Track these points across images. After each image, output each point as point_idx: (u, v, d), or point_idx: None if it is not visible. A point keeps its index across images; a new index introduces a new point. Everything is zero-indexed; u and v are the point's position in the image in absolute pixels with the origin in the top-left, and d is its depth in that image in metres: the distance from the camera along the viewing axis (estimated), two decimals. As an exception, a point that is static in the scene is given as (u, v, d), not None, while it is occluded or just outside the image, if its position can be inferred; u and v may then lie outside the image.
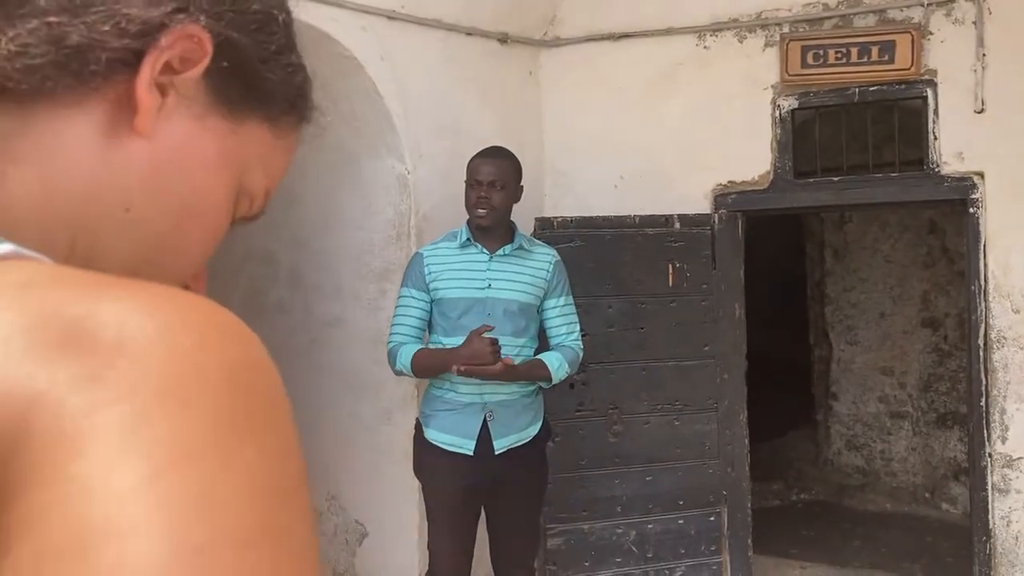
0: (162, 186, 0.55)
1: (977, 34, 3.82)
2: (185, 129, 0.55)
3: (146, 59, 0.52)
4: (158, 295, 0.43)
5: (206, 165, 0.57)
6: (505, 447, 3.05)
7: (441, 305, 3.08)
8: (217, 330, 0.43)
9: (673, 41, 4.27)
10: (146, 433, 0.38)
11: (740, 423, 4.15)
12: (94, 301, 0.42)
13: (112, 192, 0.53)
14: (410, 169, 3.80)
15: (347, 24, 3.58)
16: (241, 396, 0.41)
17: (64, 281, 0.43)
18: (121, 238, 0.54)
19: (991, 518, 3.87)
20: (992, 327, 3.85)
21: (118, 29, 0.51)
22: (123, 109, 0.52)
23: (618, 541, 3.96)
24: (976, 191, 3.88)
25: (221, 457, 0.39)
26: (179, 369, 0.40)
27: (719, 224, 4.15)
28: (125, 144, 0.53)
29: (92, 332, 0.40)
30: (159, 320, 0.41)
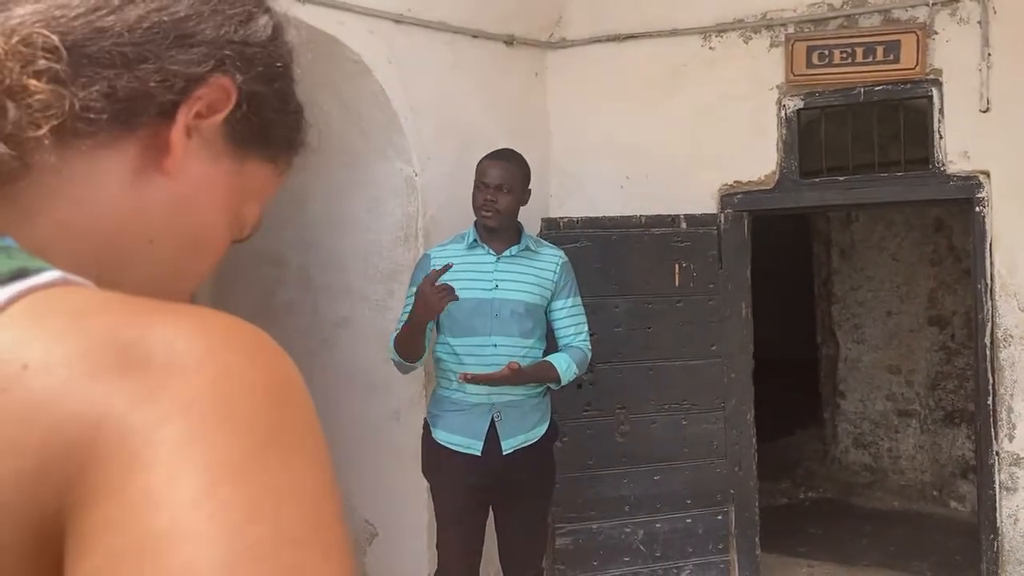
0: (181, 220, 0.60)
1: (982, 33, 3.83)
2: (203, 170, 0.60)
3: (182, 108, 0.57)
4: (203, 318, 0.47)
5: (217, 202, 0.62)
6: (513, 447, 3.07)
7: (449, 306, 3.09)
8: (258, 349, 0.47)
9: (678, 42, 4.29)
10: (202, 447, 0.42)
11: (747, 422, 4.16)
12: (145, 325, 0.46)
13: (138, 226, 0.58)
14: (418, 171, 3.82)
15: (354, 27, 3.60)
16: (284, 410, 0.46)
17: (115, 306, 0.47)
18: (142, 267, 0.59)
19: (999, 516, 3.88)
20: (999, 325, 3.86)
21: (166, 84, 0.56)
22: (152, 150, 0.57)
23: (626, 540, 3.98)
24: (982, 190, 3.88)
25: (270, 467, 0.43)
26: (227, 387, 0.44)
27: (725, 224, 4.17)
28: (152, 182, 0.58)
29: (146, 354, 0.44)
30: (206, 341, 0.46)
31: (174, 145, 0.57)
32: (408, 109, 3.79)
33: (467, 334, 3.06)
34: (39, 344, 0.44)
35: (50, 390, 0.43)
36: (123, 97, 0.54)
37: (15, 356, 0.44)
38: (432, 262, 3.11)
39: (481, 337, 3.06)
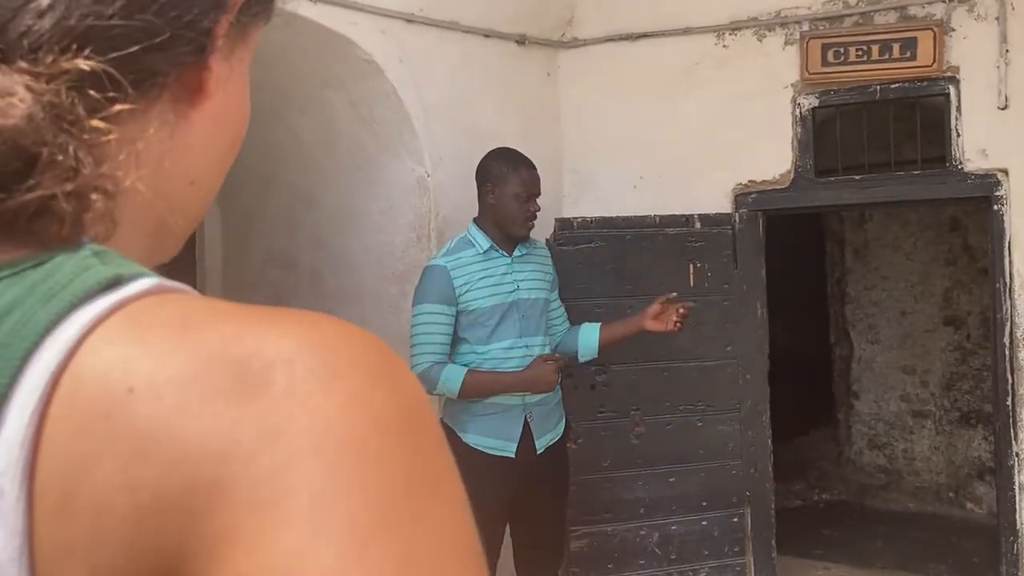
0: (216, 144, 0.56)
1: (1000, 30, 3.78)
2: (224, 76, 0.55)
3: (213, 55, 0.53)
4: (319, 329, 0.43)
5: (241, 96, 0.58)
6: (544, 446, 3.08)
7: (475, 315, 2.99)
8: (383, 366, 0.43)
9: (692, 40, 4.26)
10: (343, 504, 0.38)
11: (763, 423, 4.12)
12: (259, 338, 0.42)
13: (181, 174, 0.54)
14: (430, 172, 3.80)
15: (366, 27, 3.58)
16: (418, 441, 0.42)
17: (220, 316, 0.43)
18: (185, 210, 0.56)
19: (1018, 518, 3.83)
20: (1018, 325, 3.81)
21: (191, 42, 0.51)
22: (184, 92, 0.53)
23: (641, 543, 3.95)
24: (1000, 188, 3.84)
25: (418, 520, 0.40)
26: (360, 419, 0.40)
27: (740, 224, 4.13)
28: (187, 124, 0.53)
29: (265, 376, 0.40)
30: (328, 360, 0.42)
31: (209, 91, 0.53)
32: (420, 109, 3.77)
33: (498, 339, 3.00)
34: (144, 363, 0.40)
35: (162, 419, 0.39)
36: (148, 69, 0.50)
37: (118, 378, 0.40)
38: (452, 274, 2.99)
39: (512, 339, 3.02)
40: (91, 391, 0.40)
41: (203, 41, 0.52)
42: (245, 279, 4.54)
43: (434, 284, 3.00)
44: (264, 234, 4.44)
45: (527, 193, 3.04)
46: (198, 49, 0.52)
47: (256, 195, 4.45)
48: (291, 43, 3.58)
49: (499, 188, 3.06)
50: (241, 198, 4.56)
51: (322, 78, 3.76)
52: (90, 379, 0.40)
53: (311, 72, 3.75)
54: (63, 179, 0.45)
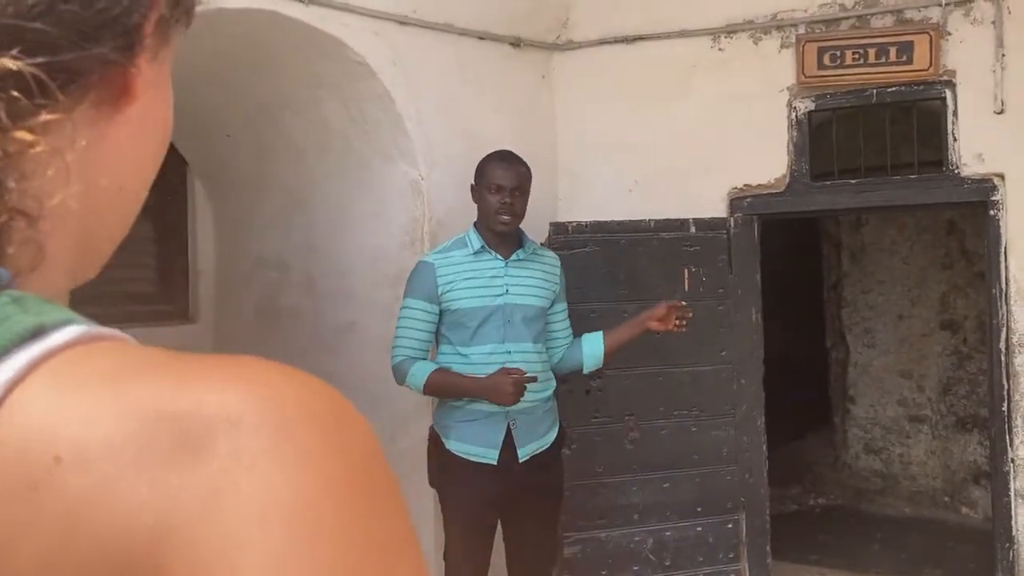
0: (144, 147, 0.53)
1: (996, 34, 3.76)
2: (151, 77, 0.51)
3: (140, 56, 0.49)
4: (264, 381, 0.40)
5: (166, 103, 0.54)
6: (528, 455, 3.03)
7: (458, 315, 3.01)
8: (335, 424, 0.40)
9: (687, 43, 4.23)
10: (293, 572, 0.35)
11: (758, 429, 4.10)
12: (198, 394, 0.38)
13: (109, 180, 0.50)
14: (423, 174, 3.77)
15: (359, 29, 3.56)
16: (374, 502, 0.39)
17: (155, 368, 0.39)
18: (115, 217, 0.52)
19: (1014, 525, 3.81)
20: (1014, 331, 3.79)
21: (119, 43, 0.48)
22: (109, 96, 0.49)
23: (635, 549, 3.92)
24: (996, 193, 3.82)
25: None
26: (309, 484, 0.37)
27: (735, 228, 4.11)
28: (113, 128, 0.49)
29: (204, 439, 0.37)
30: (274, 417, 0.38)
31: (136, 94, 0.49)
32: (413, 111, 3.74)
33: (480, 342, 3.00)
34: (72, 427, 0.37)
35: (91, 490, 0.36)
36: (75, 69, 0.46)
37: (44, 444, 0.36)
38: (436, 269, 3.03)
39: (494, 344, 3.01)
40: (14, 458, 0.37)
41: (131, 38, 0.48)
42: (237, 281, 4.51)
43: (418, 280, 3.06)
44: (256, 236, 4.41)
45: (497, 185, 3.03)
46: (126, 47, 0.48)
47: (249, 197, 4.43)
48: (283, 44, 3.56)
49: (479, 184, 3.10)
50: (234, 200, 4.53)
51: (315, 80, 3.74)
52: (13, 445, 0.37)
53: (304, 74, 3.72)
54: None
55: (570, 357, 3.27)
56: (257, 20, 3.35)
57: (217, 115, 4.13)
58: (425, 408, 3.67)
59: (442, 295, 3.01)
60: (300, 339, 4.18)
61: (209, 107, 4.15)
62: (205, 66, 3.82)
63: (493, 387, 2.87)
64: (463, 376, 2.97)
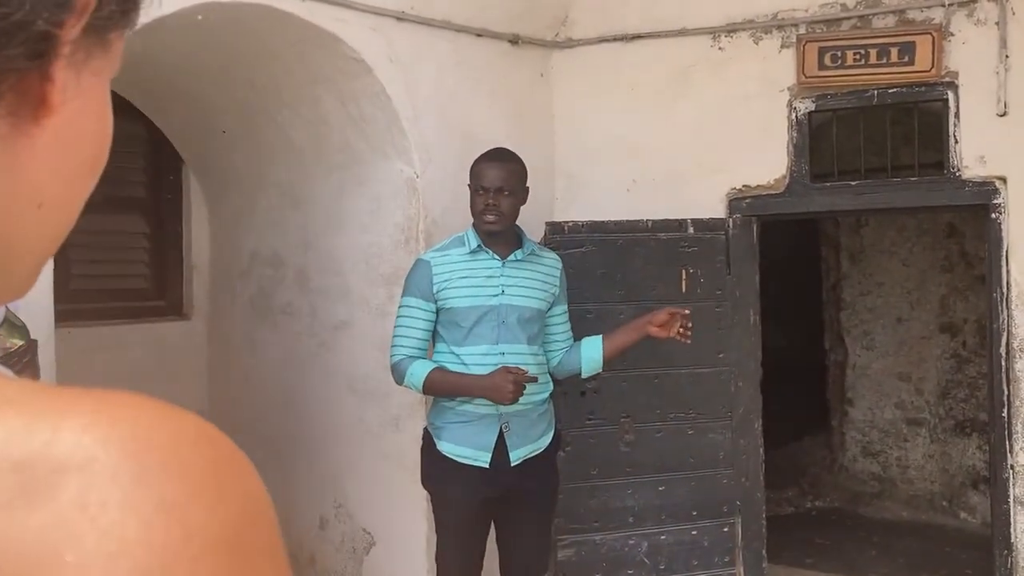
0: (70, 161, 0.47)
1: (1000, 35, 3.72)
2: (78, 87, 0.46)
3: (56, 63, 0.44)
4: (130, 419, 0.35)
5: (99, 115, 0.49)
6: (520, 458, 3.00)
7: (452, 314, 2.98)
8: (211, 466, 0.35)
9: (687, 42, 4.19)
10: None
11: (755, 432, 4.07)
12: (51, 433, 0.33)
13: (23, 194, 0.45)
14: (419, 172, 3.73)
15: (355, 25, 3.52)
16: (245, 566, 0.34)
17: (11, 404, 0.35)
18: (31, 235, 0.47)
19: (1013, 531, 3.78)
20: (1015, 335, 3.76)
21: (27, 45, 0.43)
22: (21, 106, 0.44)
23: (630, 552, 3.89)
24: (998, 196, 3.78)
25: None
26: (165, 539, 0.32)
27: (734, 229, 4.07)
28: (28, 141, 0.45)
29: (50, 482, 0.32)
30: (136, 458, 0.33)
31: (53, 103, 0.44)
32: (410, 109, 3.71)
33: (473, 343, 2.97)
34: None
35: None
36: None
37: None
38: (432, 267, 3.01)
39: (488, 345, 2.98)
40: None
41: (40, 46, 0.43)
42: (232, 278, 4.48)
43: (415, 278, 3.04)
44: (251, 233, 4.37)
45: (482, 186, 3.00)
46: (34, 54, 0.43)
47: (244, 193, 4.39)
48: (279, 40, 3.52)
49: (470, 185, 3.09)
50: (229, 196, 4.50)
51: (311, 76, 3.70)
52: None
53: (300, 70, 3.69)
54: None
55: (568, 361, 3.22)
56: (253, 15, 3.31)
57: (212, 111, 4.10)
58: (419, 408, 3.64)
59: (437, 293, 2.98)
60: (294, 336, 4.14)
61: (204, 103, 4.11)
62: (200, 61, 3.78)
63: (492, 386, 2.84)
64: (462, 375, 2.94)
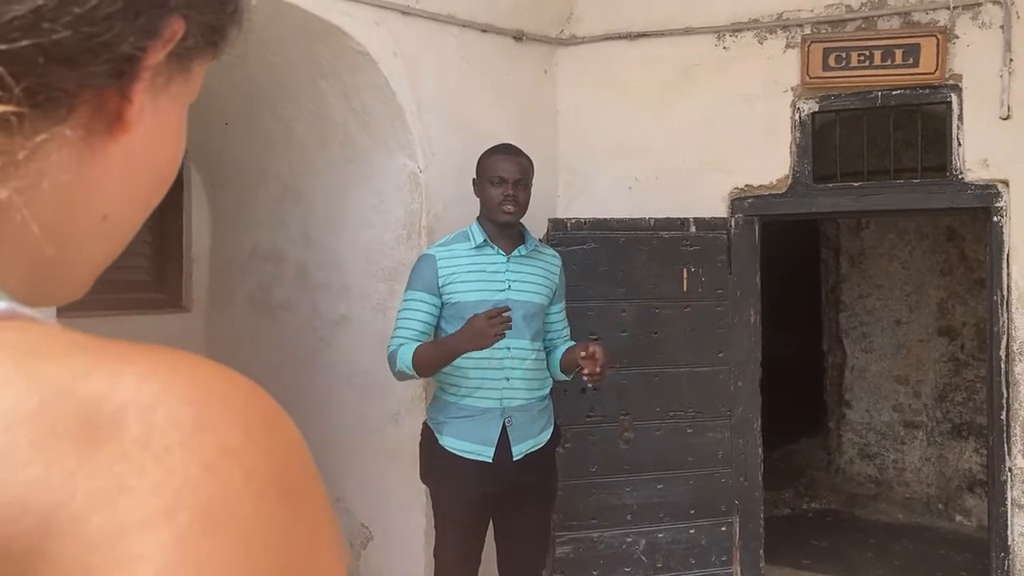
0: (138, 179, 0.50)
1: (1004, 38, 3.73)
2: (155, 109, 0.49)
3: (136, 85, 0.46)
4: (188, 371, 0.37)
5: (173, 134, 0.52)
6: (522, 453, 3.00)
7: (457, 309, 2.96)
8: (261, 419, 0.37)
9: (691, 41, 4.19)
10: (195, 572, 0.33)
11: (754, 432, 4.07)
12: (114, 376, 0.35)
13: (89, 206, 0.48)
14: (422, 167, 3.73)
15: (360, 19, 3.51)
16: (298, 505, 0.36)
17: (75, 348, 0.37)
18: (94, 246, 0.50)
19: (1010, 534, 3.78)
20: (1015, 339, 3.76)
21: (117, 63, 0.45)
22: (101, 119, 0.46)
23: (628, 550, 3.88)
24: (1000, 199, 3.79)
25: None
26: (225, 479, 0.34)
27: (735, 228, 4.07)
28: (103, 153, 0.47)
29: (116, 420, 0.34)
30: (195, 407, 0.35)
31: (129, 121, 0.47)
32: (413, 103, 3.70)
33: None
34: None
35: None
36: (49, 81, 0.44)
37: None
38: (437, 262, 3.00)
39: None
40: None
41: (123, 67, 0.45)
42: (232, 271, 4.47)
43: (419, 272, 3.03)
44: (252, 226, 4.36)
45: (500, 178, 2.99)
46: (115, 73, 0.45)
47: (246, 187, 4.38)
48: (284, 32, 3.51)
49: (481, 177, 3.07)
50: (230, 190, 4.49)
51: (315, 69, 3.69)
52: None
53: (304, 62, 3.68)
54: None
55: (551, 364, 3.17)
56: (257, 6, 3.30)
57: (215, 103, 4.09)
58: (419, 403, 3.64)
59: (443, 287, 2.97)
60: (294, 331, 4.13)
61: (207, 95, 4.08)
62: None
63: (472, 335, 2.75)
64: (444, 338, 2.91)
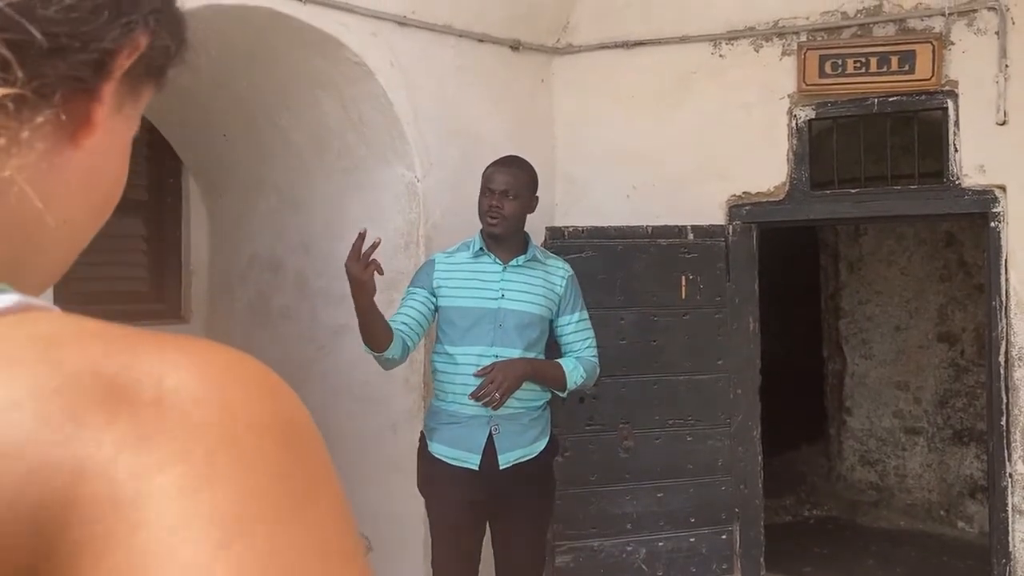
0: (94, 189, 0.53)
1: (1000, 44, 3.74)
2: (110, 124, 0.52)
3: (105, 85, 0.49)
4: (197, 350, 0.41)
5: (123, 152, 0.55)
6: (510, 462, 2.98)
7: (450, 313, 3.01)
8: (263, 384, 0.42)
9: (688, 49, 4.20)
10: (207, 498, 0.37)
11: (753, 439, 4.06)
12: (130, 356, 0.39)
13: (52, 211, 0.49)
14: (420, 177, 3.73)
15: (357, 29, 3.52)
16: (296, 453, 0.40)
17: (92, 335, 0.40)
18: (54, 250, 0.52)
19: (1011, 540, 3.77)
20: (1013, 344, 3.76)
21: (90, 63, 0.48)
22: (67, 125, 0.49)
23: (628, 559, 3.88)
24: (997, 205, 3.79)
25: (286, 520, 0.38)
26: (232, 427, 0.39)
27: (733, 236, 4.07)
28: (65, 159, 0.49)
29: (133, 388, 0.38)
30: (203, 376, 0.40)
31: (96, 122, 0.49)
32: (411, 113, 3.71)
33: (468, 343, 2.97)
34: (3, 376, 0.37)
35: (17, 432, 0.36)
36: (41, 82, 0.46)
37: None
38: (437, 267, 3.07)
39: (483, 347, 2.97)
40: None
41: (102, 61, 0.48)
42: (230, 281, 4.47)
43: (421, 272, 3.14)
44: (251, 236, 4.37)
45: (487, 188, 3.03)
46: (95, 68, 0.48)
47: (243, 196, 4.38)
48: (281, 43, 3.52)
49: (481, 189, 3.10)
50: (228, 199, 4.49)
51: (313, 80, 3.70)
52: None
53: (302, 73, 3.69)
54: None
55: None
56: (254, 17, 3.31)
57: (213, 113, 4.09)
58: (417, 413, 3.64)
59: (437, 288, 3.04)
60: (292, 339, 4.13)
61: (204, 105, 4.11)
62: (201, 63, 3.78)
63: (350, 281, 2.78)
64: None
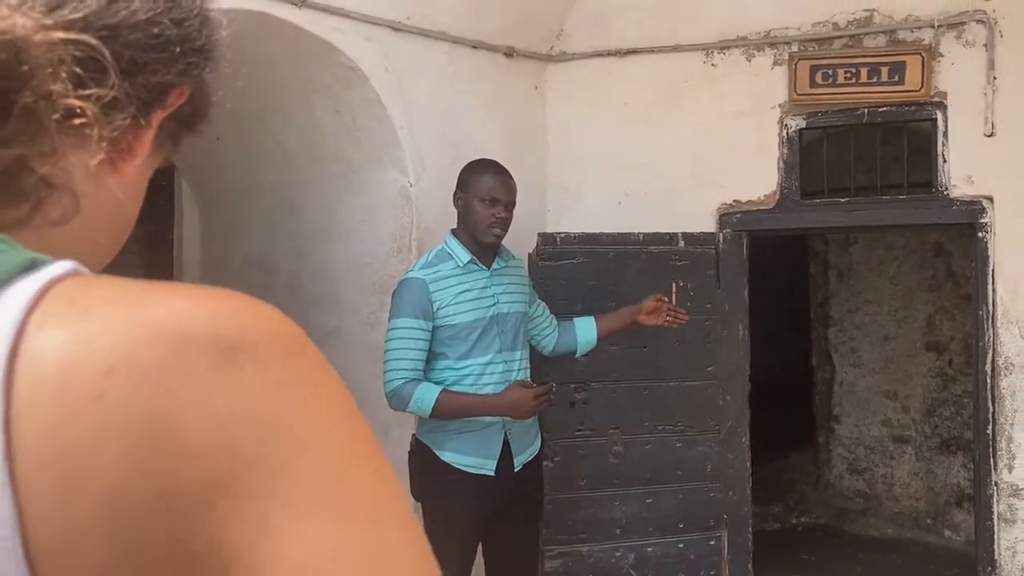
0: (118, 217, 0.56)
1: (988, 56, 3.78)
2: (140, 162, 0.56)
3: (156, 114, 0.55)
4: (241, 300, 0.46)
5: (142, 192, 0.59)
6: (521, 464, 3.04)
7: (454, 331, 2.92)
8: (286, 320, 0.47)
9: (680, 58, 4.23)
10: (336, 477, 0.43)
11: (742, 446, 4.08)
12: (210, 313, 0.43)
13: (91, 230, 0.53)
14: (413, 182, 3.75)
15: (352, 34, 3.54)
16: (332, 370, 0.48)
17: (153, 292, 0.44)
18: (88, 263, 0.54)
19: (997, 548, 3.80)
20: (1000, 353, 3.79)
21: (153, 92, 0.54)
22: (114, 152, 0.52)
23: (616, 564, 3.89)
24: (985, 215, 3.83)
25: (357, 434, 0.46)
26: (327, 406, 0.45)
27: (724, 243, 4.10)
28: (106, 184, 0.53)
29: (233, 359, 0.42)
30: (265, 325, 0.45)
31: (139, 151, 0.53)
32: (405, 118, 3.73)
33: (477, 355, 2.94)
34: (106, 341, 0.39)
35: (157, 403, 0.39)
36: (112, 104, 0.50)
37: (87, 358, 0.39)
38: (429, 286, 2.92)
39: (492, 355, 2.96)
40: (58, 371, 0.39)
41: (158, 91, 0.53)
42: (223, 283, 4.45)
43: (411, 298, 2.91)
44: (244, 238, 4.38)
45: (491, 197, 2.99)
46: (151, 94, 0.53)
47: (238, 199, 4.40)
48: (276, 47, 3.53)
49: (467, 194, 3.05)
50: (222, 202, 4.50)
51: (307, 84, 3.72)
52: (50, 359, 0.39)
53: (296, 78, 3.70)
54: (37, 145, 0.44)
55: (564, 341, 3.37)
56: (248, 21, 3.32)
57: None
58: (409, 417, 3.64)
59: (437, 311, 2.90)
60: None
61: (199, 108, 4.12)
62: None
63: (512, 403, 2.86)
64: (474, 396, 2.89)
